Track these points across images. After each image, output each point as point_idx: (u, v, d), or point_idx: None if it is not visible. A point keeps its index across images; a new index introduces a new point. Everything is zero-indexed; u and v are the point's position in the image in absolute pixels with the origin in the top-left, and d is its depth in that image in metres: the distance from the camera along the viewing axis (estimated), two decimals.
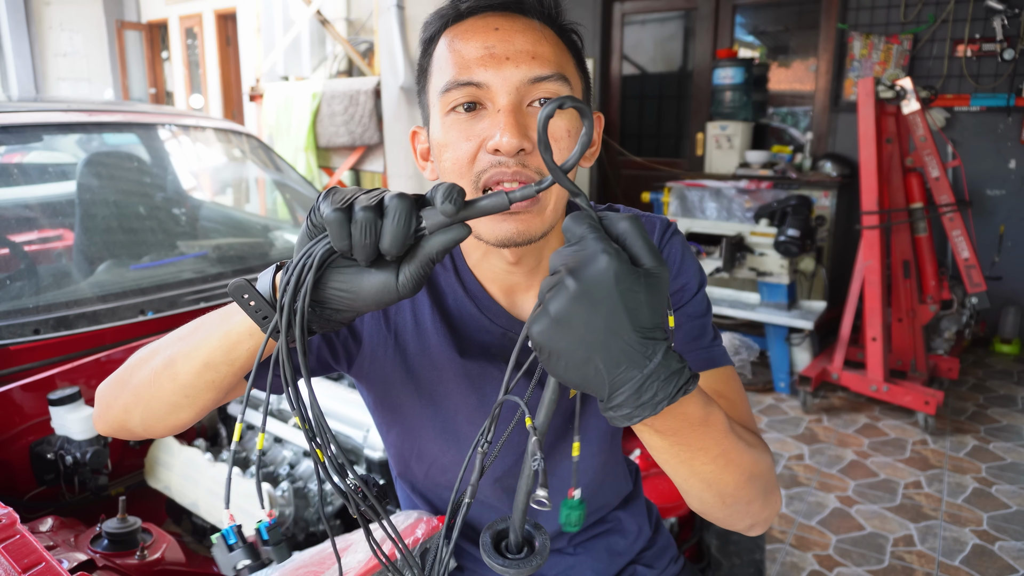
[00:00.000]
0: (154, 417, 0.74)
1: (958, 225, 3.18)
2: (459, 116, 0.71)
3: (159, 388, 0.72)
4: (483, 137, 0.70)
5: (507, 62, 0.69)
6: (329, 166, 4.56)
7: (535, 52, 0.71)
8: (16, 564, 0.82)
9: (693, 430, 0.59)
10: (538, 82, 0.70)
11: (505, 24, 0.71)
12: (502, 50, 0.70)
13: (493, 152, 0.69)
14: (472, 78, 0.70)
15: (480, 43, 0.70)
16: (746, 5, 4.85)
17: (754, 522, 0.73)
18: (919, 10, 4.07)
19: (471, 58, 0.70)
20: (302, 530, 1.40)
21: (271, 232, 2.48)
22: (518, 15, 0.72)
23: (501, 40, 0.70)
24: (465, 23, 0.73)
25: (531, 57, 0.70)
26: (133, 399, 0.74)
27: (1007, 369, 3.85)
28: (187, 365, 0.69)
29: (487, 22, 0.72)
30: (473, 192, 0.72)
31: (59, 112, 1.93)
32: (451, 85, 0.71)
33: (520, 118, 0.69)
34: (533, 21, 0.73)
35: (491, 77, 0.69)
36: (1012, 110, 3.93)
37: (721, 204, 4.19)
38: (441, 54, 0.73)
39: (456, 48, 0.72)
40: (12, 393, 1.34)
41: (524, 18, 0.73)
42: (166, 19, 8.53)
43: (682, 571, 1.07)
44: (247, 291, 0.61)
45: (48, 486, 1.38)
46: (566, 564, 0.98)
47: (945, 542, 2.33)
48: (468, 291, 0.83)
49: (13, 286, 1.62)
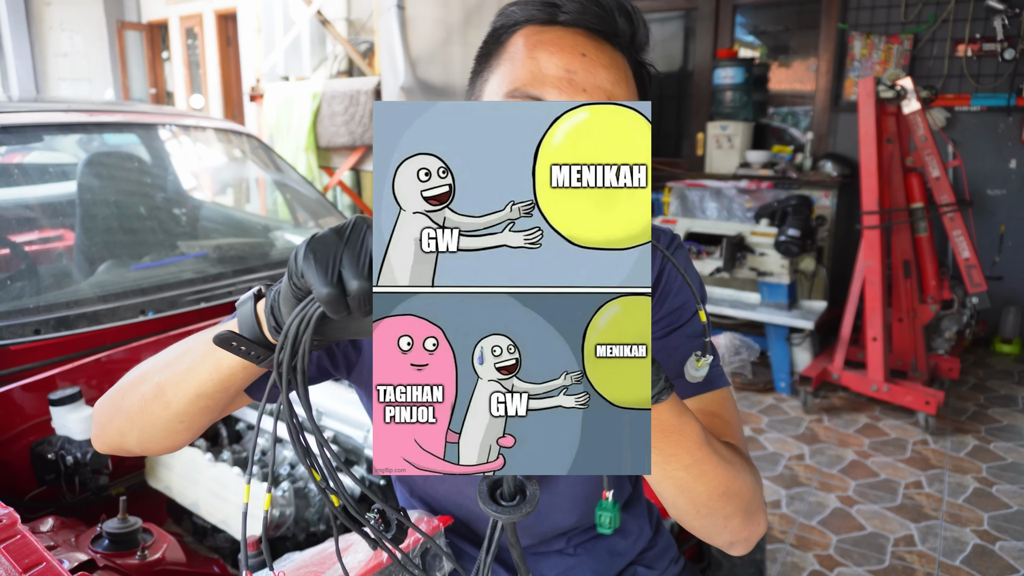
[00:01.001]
0: (151, 441, 0.73)
1: (959, 225, 3.17)
2: None
3: (152, 415, 0.70)
4: None
5: (583, 94, 0.67)
6: (329, 166, 4.56)
7: (612, 93, 0.68)
8: (17, 564, 0.82)
9: (666, 437, 0.61)
10: None
11: (593, 52, 0.68)
12: (583, 80, 0.67)
13: None
14: (543, 96, 0.67)
15: (563, 63, 0.67)
16: (746, 5, 4.85)
17: (733, 540, 0.74)
18: (919, 10, 4.07)
19: (549, 75, 0.67)
20: (302, 530, 1.40)
21: (271, 232, 2.48)
22: (606, 42, 0.70)
23: (585, 69, 0.68)
24: (554, 31, 0.69)
25: (607, 97, 0.68)
26: (127, 423, 0.73)
27: (1008, 369, 3.85)
28: (178, 394, 0.68)
29: (576, 41, 0.68)
30: None
31: (59, 112, 1.93)
32: (518, 94, 0.68)
33: None
34: (618, 55, 0.70)
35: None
36: (1012, 110, 3.93)
37: (721, 204, 4.19)
38: (517, 52, 0.70)
39: (536, 56, 0.68)
40: (13, 393, 1.34)
41: (611, 49, 0.70)
42: (166, 19, 8.54)
43: (682, 572, 1.07)
44: (234, 339, 0.60)
45: (49, 486, 1.38)
46: (566, 565, 0.98)
47: (946, 542, 2.33)
48: None
49: (14, 286, 1.63)
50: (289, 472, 1.46)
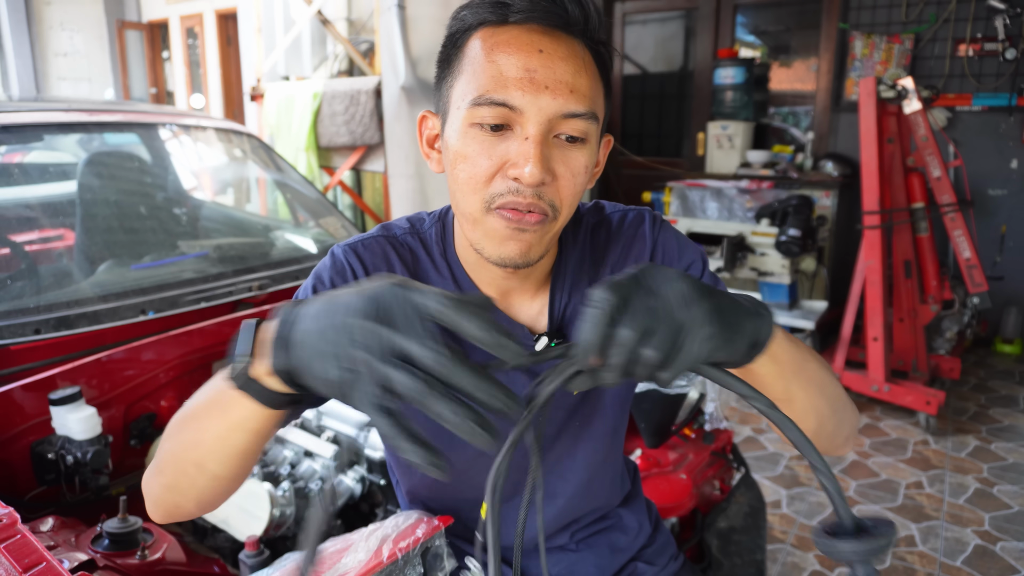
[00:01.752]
0: (208, 502, 0.72)
1: (959, 225, 3.17)
2: (483, 132, 0.70)
3: (202, 487, 0.69)
4: (505, 160, 0.70)
5: (545, 91, 0.68)
6: (330, 166, 4.56)
7: (574, 84, 0.69)
8: (17, 564, 0.81)
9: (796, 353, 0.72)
10: (570, 118, 0.70)
11: (549, 46, 0.69)
12: (543, 77, 0.68)
13: (513, 179, 0.69)
14: (507, 99, 0.68)
15: (522, 63, 0.68)
16: (747, 5, 4.85)
17: (853, 431, 0.83)
18: (920, 9, 4.07)
19: (510, 77, 0.68)
20: (303, 530, 1.40)
21: (272, 232, 2.48)
22: (561, 32, 0.70)
23: (543, 65, 0.68)
24: (508, 31, 0.70)
25: (569, 90, 0.69)
26: (180, 497, 0.71)
27: (1009, 369, 3.85)
28: (222, 464, 0.67)
29: (531, 39, 0.69)
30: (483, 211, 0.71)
31: (60, 112, 1.93)
32: (483, 101, 0.69)
33: (546, 150, 0.69)
34: (575, 43, 0.71)
35: (527, 103, 0.68)
36: (1014, 110, 3.93)
37: (722, 204, 4.19)
38: (476, 57, 0.70)
39: (495, 60, 0.69)
40: (13, 393, 1.33)
41: (567, 39, 0.70)
42: (167, 19, 8.53)
43: (682, 569, 1.08)
44: (283, 398, 0.60)
45: (49, 486, 1.38)
46: (569, 560, 0.99)
47: (947, 543, 2.32)
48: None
49: (14, 286, 1.62)
50: (289, 472, 1.46)
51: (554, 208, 0.72)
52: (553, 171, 0.70)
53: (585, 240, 0.88)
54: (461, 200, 0.73)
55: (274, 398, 0.60)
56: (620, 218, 0.89)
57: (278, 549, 1.36)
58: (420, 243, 0.85)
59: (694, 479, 1.46)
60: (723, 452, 1.61)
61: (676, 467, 1.48)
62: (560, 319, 0.85)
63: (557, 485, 0.94)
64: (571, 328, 0.85)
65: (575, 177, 0.72)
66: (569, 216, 0.75)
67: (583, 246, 0.87)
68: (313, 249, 2.27)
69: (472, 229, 0.74)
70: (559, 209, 0.72)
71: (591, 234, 0.88)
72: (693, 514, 1.50)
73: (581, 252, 0.87)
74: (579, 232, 0.88)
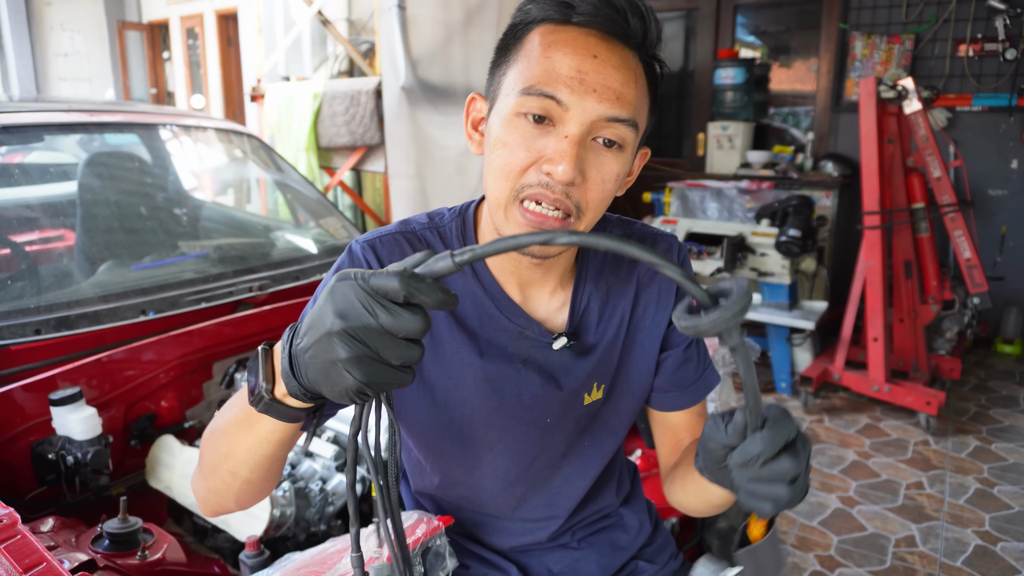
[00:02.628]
0: (248, 502, 0.79)
1: (960, 225, 3.17)
2: (526, 123, 0.72)
3: (239, 490, 0.75)
4: (542, 154, 0.71)
5: (593, 94, 0.70)
6: (330, 166, 4.56)
7: (621, 92, 0.71)
8: (17, 564, 0.82)
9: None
10: (612, 122, 0.71)
11: (604, 52, 0.71)
12: (593, 80, 0.70)
13: (546, 174, 0.71)
14: (555, 94, 0.70)
15: (575, 64, 0.70)
16: (747, 5, 4.85)
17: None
18: (921, 10, 4.07)
19: (562, 74, 0.70)
20: (303, 530, 1.40)
21: (272, 232, 2.48)
22: (618, 42, 0.72)
23: (595, 69, 0.70)
24: (568, 31, 0.72)
25: (616, 97, 0.70)
26: (222, 499, 0.77)
27: (1009, 369, 3.85)
28: (253, 471, 0.73)
29: (588, 42, 0.71)
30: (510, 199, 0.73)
31: (60, 112, 1.93)
32: (533, 91, 0.70)
33: (582, 151, 0.71)
34: (630, 55, 0.72)
35: (573, 102, 0.70)
36: (1014, 110, 3.93)
37: (722, 204, 4.19)
38: (532, 50, 0.72)
39: (551, 55, 0.71)
40: (13, 393, 1.33)
41: (622, 49, 0.72)
42: (167, 19, 8.53)
43: (681, 568, 1.09)
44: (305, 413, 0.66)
45: (49, 486, 1.38)
46: (572, 558, 1.00)
47: (947, 543, 2.32)
48: (487, 290, 0.84)
49: (14, 286, 1.62)
50: (289, 472, 1.46)
51: (579, 208, 0.73)
52: (585, 173, 0.72)
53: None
54: (492, 185, 0.75)
55: (294, 414, 0.65)
56: (650, 235, 0.91)
57: (278, 549, 1.36)
58: (438, 236, 0.86)
59: None
60: None
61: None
62: (580, 320, 0.86)
63: (563, 498, 0.96)
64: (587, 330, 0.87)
65: (605, 183, 0.73)
66: (594, 220, 0.76)
67: (607, 253, 0.88)
68: (313, 249, 2.27)
69: (497, 213, 0.76)
70: (584, 211, 0.74)
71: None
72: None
73: (603, 258, 0.88)
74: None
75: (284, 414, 0.65)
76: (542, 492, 0.94)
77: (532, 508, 0.95)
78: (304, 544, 1.38)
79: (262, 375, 0.65)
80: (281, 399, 0.64)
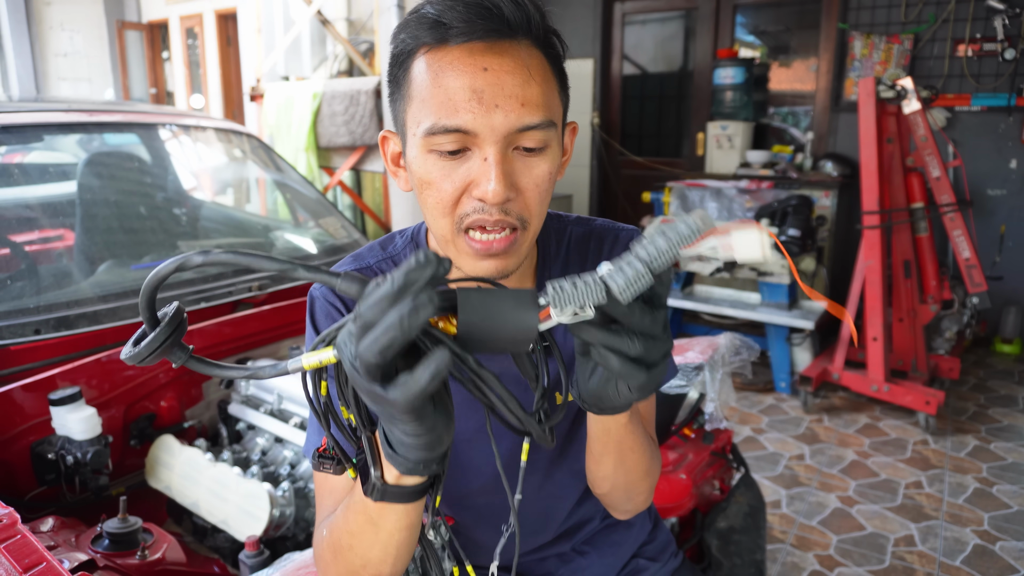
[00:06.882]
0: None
1: (959, 225, 3.17)
2: (442, 158, 0.69)
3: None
4: (468, 181, 0.69)
5: (496, 109, 0.66)
6: (330, 166, 4.56)
7: (524, 97, 0.67)
8: (17, 564, 0.82)
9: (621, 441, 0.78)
10: (526, 131, 0.68)
11: (494, 62, 0.67)
12: (491, 96, 0.66)
13: (478, 199, 0.69)
14: (460, 125, 0.67)
15: (467, 84, 0.66)
16: (747, 5, 4.85)
17: (636, 510, 0.90)
18: (920, 10, 4.07)
19: (458, 100, 0.66)
20: (302, 530, 1.40)
21: (271, 232, 2.48)
22: (505, 41, 0.68)
23: (490, 84, 0.66)
24: (450, 51, 0.68)
25: (520, 104, 0.67)
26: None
27: (1008, 369, 3.85)
28: (394, 565, 0.71)
29: (474, 59, 0.67)
30: (455, 233, 0.72)
31: (60, 112, 1.93)
32: (437, 129, 0.67)
33: (507, 167, 0.69)
34: (520, 49, 0.68)
35: (479, 125, 0.67)
36: (1013, 110, 3.93)
37: (722, 204, 4.19)
38: (422, 80, 0.69)
39: (441, 84, 0.67)
40: (13, 393, 1.34)
41: (511, 47, 0.68)
42: (167, 19, 8.53)
43: (681, 566, 1.10)
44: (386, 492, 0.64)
45: (49, 486, 1.38)
46: (578, 565, 1.01)
47: (946, 542, 2.33)
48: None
49: (14, 286, 1.62)
50: (289, 472, 1.46)
51: (523, 220, 0.71)
52: (517, 185, 0.70)
53: (571, 248, 0.88)
54: (432, 223, 0.74)
55: (416, 491, 0.64)
56: (612, 230, 0.90)
57: (278, 549, 1.36)
58: (394, 266, 0.84)
59: (694, 479, 1.46)
60: (723, 452, 1.61)
61: (676, 467, 1.48)
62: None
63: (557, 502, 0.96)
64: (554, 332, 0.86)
65: (539, 186, 0.71)
66: (540, 224, 0.75)
67: (569, 254, 0.88)
68: (313, 249, 2.27)
69: (447, 248, 0.74)
70: (528, 221, 0.72)
71: (578, 243, 0.89)
72: (693, 514, 1.51)
73: (565, 260, 0.87)
74: (563, 240, 0.88)
75: (404, 495, 0.64)
76: (535, 500, 0.93)
77: (527, 516, 0.95)
78: (304, 544, 1.38)
79: (343, 469, 0.67)
80: (395, 483, 0.63)
